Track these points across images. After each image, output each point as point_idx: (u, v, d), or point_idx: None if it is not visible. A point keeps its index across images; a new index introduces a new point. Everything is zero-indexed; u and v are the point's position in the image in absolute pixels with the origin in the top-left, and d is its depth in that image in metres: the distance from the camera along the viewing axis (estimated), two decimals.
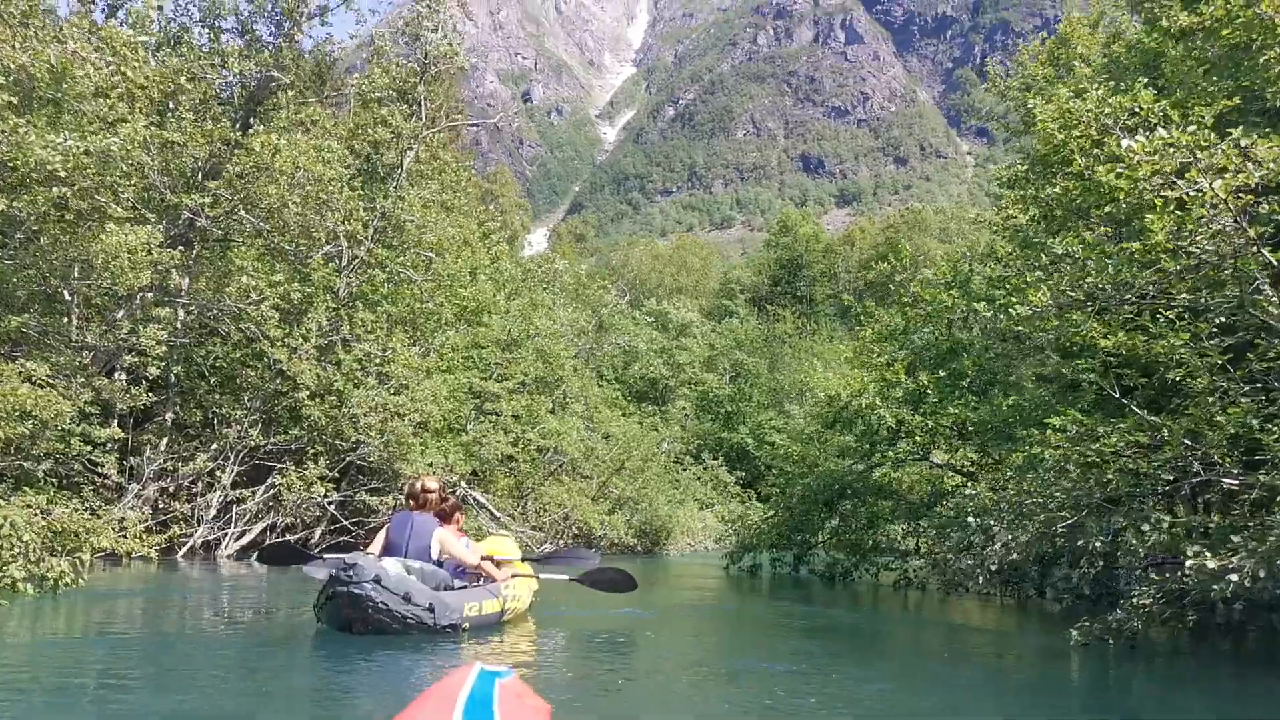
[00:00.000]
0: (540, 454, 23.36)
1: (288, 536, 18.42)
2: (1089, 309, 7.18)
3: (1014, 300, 7.69)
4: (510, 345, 23.64)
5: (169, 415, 18.63)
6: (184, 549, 17.27)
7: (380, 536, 8.18)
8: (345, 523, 19.12)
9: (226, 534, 18.06)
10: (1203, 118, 6.28)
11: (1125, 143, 6.01)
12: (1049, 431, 8.24)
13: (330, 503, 18.75)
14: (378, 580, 6.89)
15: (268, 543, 16.77)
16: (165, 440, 18.36)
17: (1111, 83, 9.26)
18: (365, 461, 19.44)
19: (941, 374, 14.23)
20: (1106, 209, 8.22)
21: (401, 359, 18.84)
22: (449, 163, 21.70)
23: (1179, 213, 6.35)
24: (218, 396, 18.67)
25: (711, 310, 64.42)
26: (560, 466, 24.76)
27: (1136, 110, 7.70)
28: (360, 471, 20.45)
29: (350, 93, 21.17)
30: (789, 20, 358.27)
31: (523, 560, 9.94)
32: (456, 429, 21.91)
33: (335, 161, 16.85)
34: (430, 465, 19.66)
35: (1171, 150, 6.07)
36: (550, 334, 24.50)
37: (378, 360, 18.76)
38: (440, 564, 8.06)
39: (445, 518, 8.51)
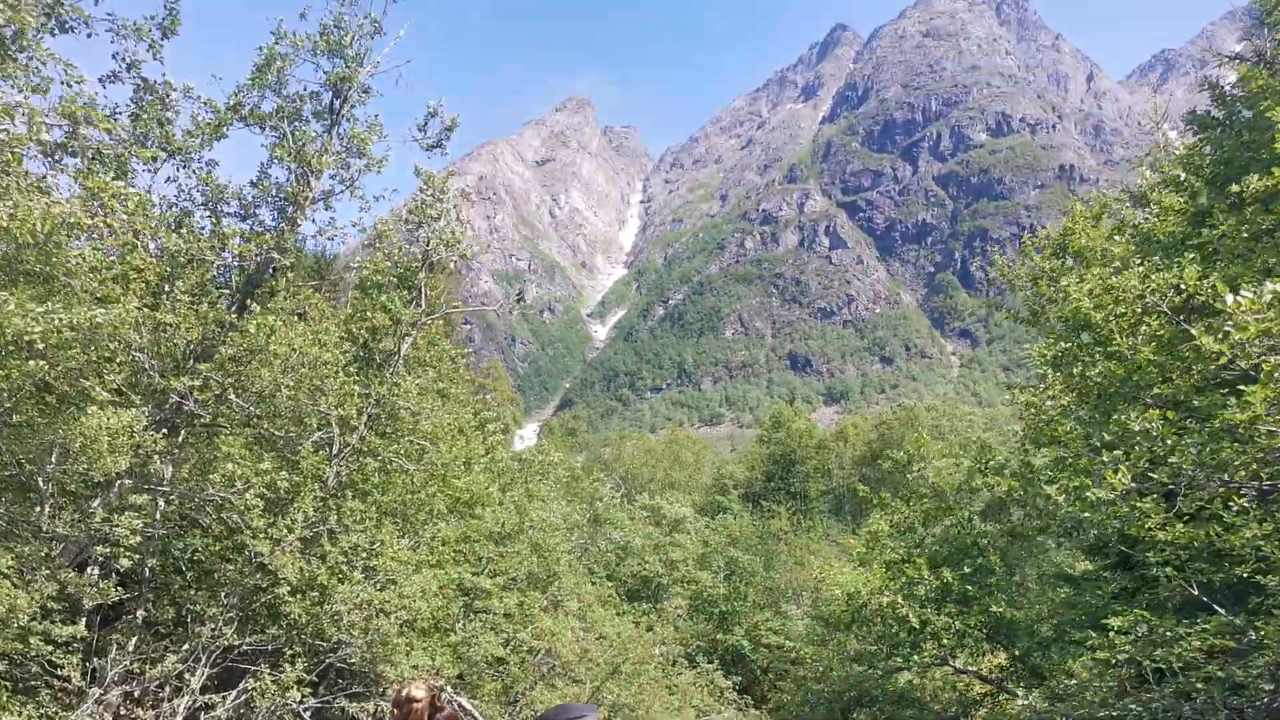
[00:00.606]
0: (532, 655, 22.04)
1: None
2: (1161, 495, 6.52)
3: (1084, 482, 7.05)
4: (504, 539, 22.67)
5: (140, 612, 17.50)
6: None
7: None
8: None
9: None
10: None
11: (1229, 298, 5.52)
12: (1111, 634, 7.42)
13: (306, 709, 17.39)
14: None
15: None
16: (134, 640, 17.18)
17: (1148, 259, 8.92)
18: (346, 663, 18.18)
19: (967, 569, 13.40)
20: (1158, 390, 7.66)
21: (390, 552, 17.89)
22: (448, 349, 21.35)
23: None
24: (193, 592, 17.59)
25: (704, 506, 63.40)
26: (552, 669, 23.37)
27: (1182, 287, 7.29)
28: (340, 675, 19.14)
29: (350, 280, 21.09)
30: (775, 226, 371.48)
31: None
32: (444, 628, 20.69)
33: (332, 345, 16.42)
34: (416, 668, 18.40)
35: None
36: (546, 527, 23.59)
37: (365, 553, 17.80)
38: None
39: None
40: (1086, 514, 7.21)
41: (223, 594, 17.68)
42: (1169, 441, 6.24)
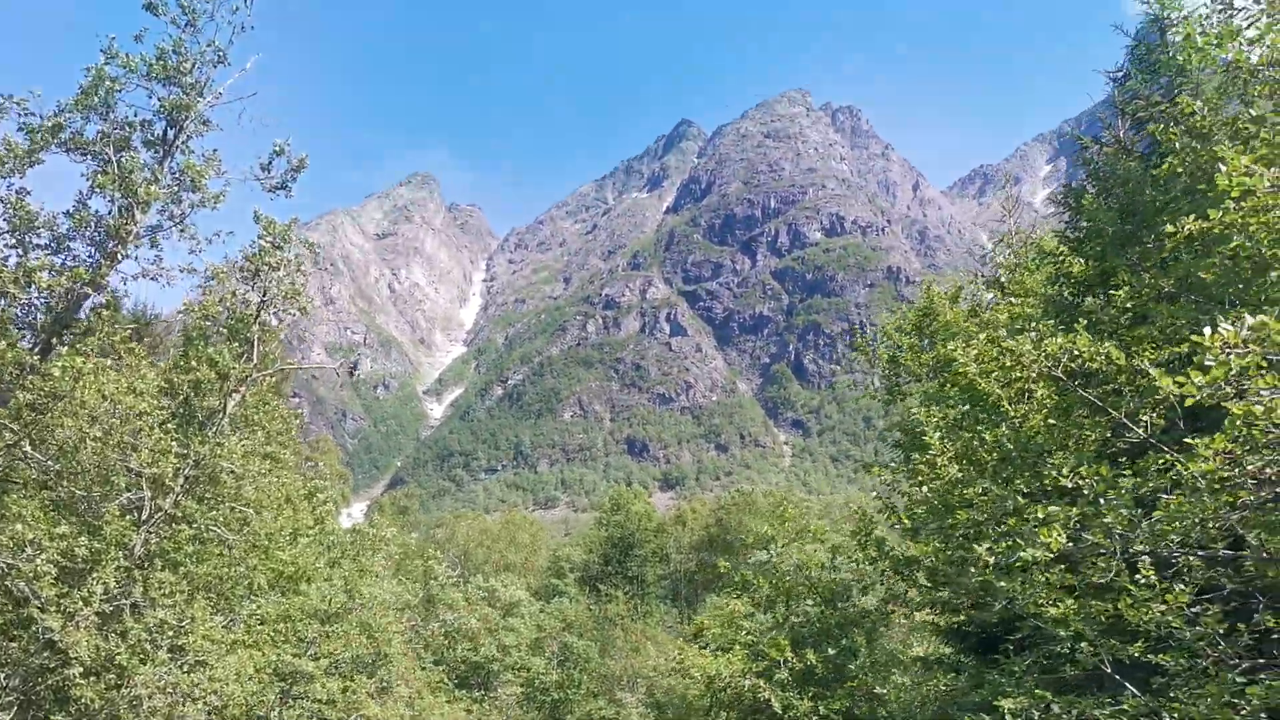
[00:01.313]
0: None
1: None
2: (1101, 556, 6.06)
3: (1015, 543, 6.53)
4: (330, 617, 20.91)
5: None
6: None
7: None
8: None
9: None
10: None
11: (1210, 330, 5.12)
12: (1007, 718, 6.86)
13: None
14: None
15: None
16: None
17: (1043, 323, 8.68)
18: None
19: (831, 650, 12.82)
20: (1053, 460, 7.28)
21: (202, 630, 16.13)
22: (279, 409, 19.80)
23: (1246, 426, 5.40)
24: None
25: (540, 589, 61.72)
26: None
27: (1076, 353, 6.98)
28: None
29: (173, 337, 19.40)
30: (617, 310, 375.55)
31: None
32: (258, 716, 18.78)
33: (149, 395, 14.83)
34: None
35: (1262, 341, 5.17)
36: (377, 605, 21.93)
37: (173, 631, 15.99)
38: None
39: None
40: (1003, 583, 6.73)
41: (2, 675, 15.52)
42: (1102, 500, 5.83)
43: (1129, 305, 8.63)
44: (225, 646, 16.62)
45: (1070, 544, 5.94)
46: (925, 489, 8.74)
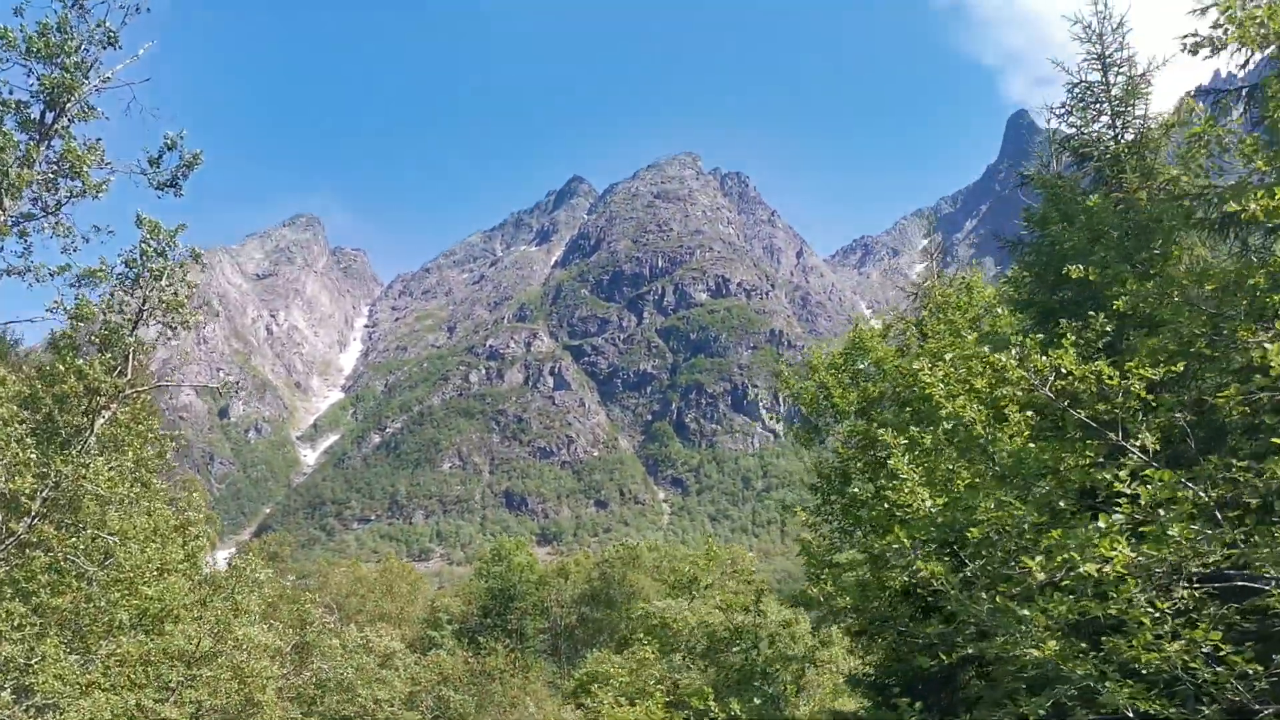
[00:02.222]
0: None
1: None
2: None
3: (1071, 556, 5.84)
4: (198, 660, 19.09)
5: None
6: None
7: None
8: None
9: None
10: None
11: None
12: None
13: None
14: None
15: None
16: None
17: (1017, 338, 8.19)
18: None
19: (757, 700, 12.00)
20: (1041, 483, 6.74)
21: (53, 669, 14.44)
22: (153, 431, 18.20)
23: None
24: None
25: (416, 640, 59.34)
26: None
27: (1064, 370, 6.48)
28: None
29: (38, 349, 17.66)
30: (501, 362, 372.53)
31: None
32: None
33: (6, 400, 13.28)
34: None
35: None
36: (252, 647, 20.15)
37: (19, 669, 14.26)
38: None
39: None
40: (1026, 610, 6.06)
41: None
42: (1161, 509, 5.20)
43: (1127, 313, 8.28)
44: (79, 689, 14.90)
45: (1134, 555, 5.34)
46: (929, 503, 8.09)
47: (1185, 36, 8.35)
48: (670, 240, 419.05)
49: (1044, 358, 6.92)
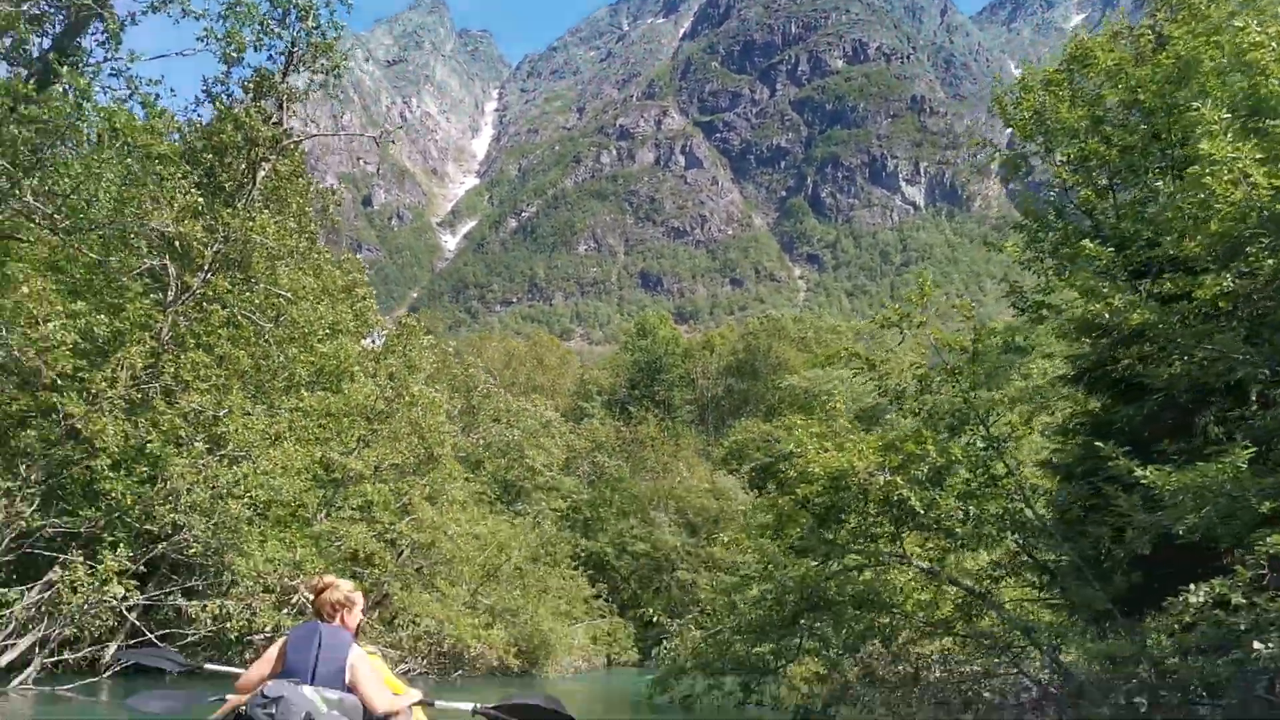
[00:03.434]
0: (412, 551, 18.89)
1: (66, 654, 13.49)
2: None
3: None
4: (377, 416, 19.17)
5: None
6: None
7: (273, 654, 5.63)
8: (151, 637, 14.26)
9: None
10: None
11: None
12: None
13: (131, 608, 13.93)
14: None
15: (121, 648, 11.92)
16: None
17: None
18: (183, 554, 14.72)
19: (980, 444, 10.95)
20: None
21: (241, 420, 14.42)
22: (312, 185, 17.61)
23: None
24: None
25: (568, 412, 60.76)
26: (425, 568, 20.29)
27: None
28: (175, 568, 15.65)
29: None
30: (632, 142, 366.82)
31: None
32: (304, 517, 17.32)
33: (169, 148, 12.63)
34: (271, 561, 15.09)
35: None
36: (428, 404, 20.16)
37: (210, 419, 14.28)
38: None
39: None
40: None
41: (21, 466, 13.90)
42: None
43: None
44: (268, 439, 14.96)
45: None
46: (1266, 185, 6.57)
47: None
48: (803, 4, 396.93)
49: None
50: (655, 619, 41.32)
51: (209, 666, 7.34)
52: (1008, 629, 12.15)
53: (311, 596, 5.83)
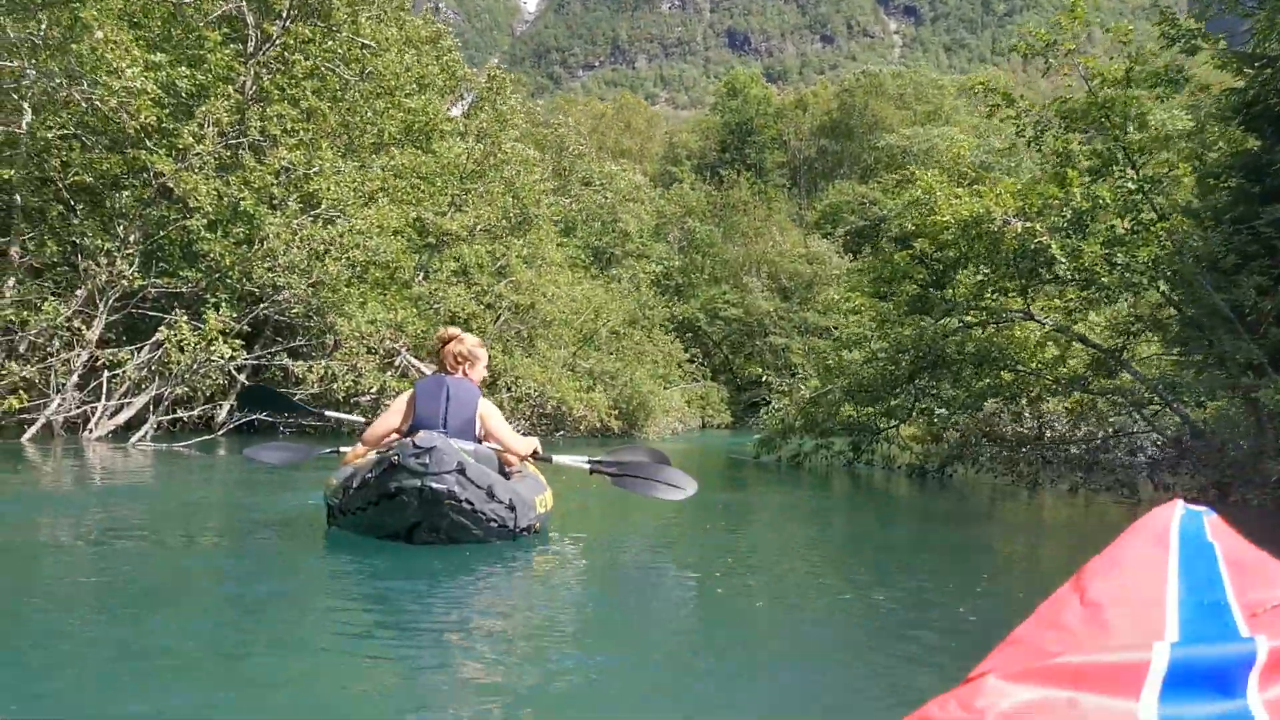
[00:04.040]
0: (513, 312, 18.62)
1: (180, 413, 13.68)
2: None
3: None
4: (471, 175, 18.48)
5: (14, 249, 13.53)
6: (32, 429, 12.38)
7: (400, 406, 5.58)
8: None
9: (95, 409, 13.15)
10: None
11: None
12: None
13: (240, 368, 13.96)
14: (462, 471, 4.82)
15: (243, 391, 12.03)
16: (10, 282, 13.34)
17: None
18: (285, 315, 14.60)
19: (1130, 186, 9.83)
20: None
21: (333, 177, 13.88)
22: None
23: None
24: (78, 222, 13.53)
25: (656, 177, 59.38)
26: (524, 331, 20.09)
27: None
28: (279, 331, 15.62)
29: None
30: None
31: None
32: (401, 280, 17.04)
33: None
34: (372, 323, 14.92)
35: None
36: (521, 160, 19.37)
37: (301, 176, 13.77)
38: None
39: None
40: None
41: (119, 227, 13.68)
42: None
43: None
44: (361, 198, 14.45)
45: None
46: None
47: None
48: None
49: None
50: (759, 378, 41.49)
51: (330, 414, 7.47)
52: (1143, 386, 11.44)
53: (438, 348, 5.66)
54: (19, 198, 13.30)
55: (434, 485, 4.75)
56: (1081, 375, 11.55)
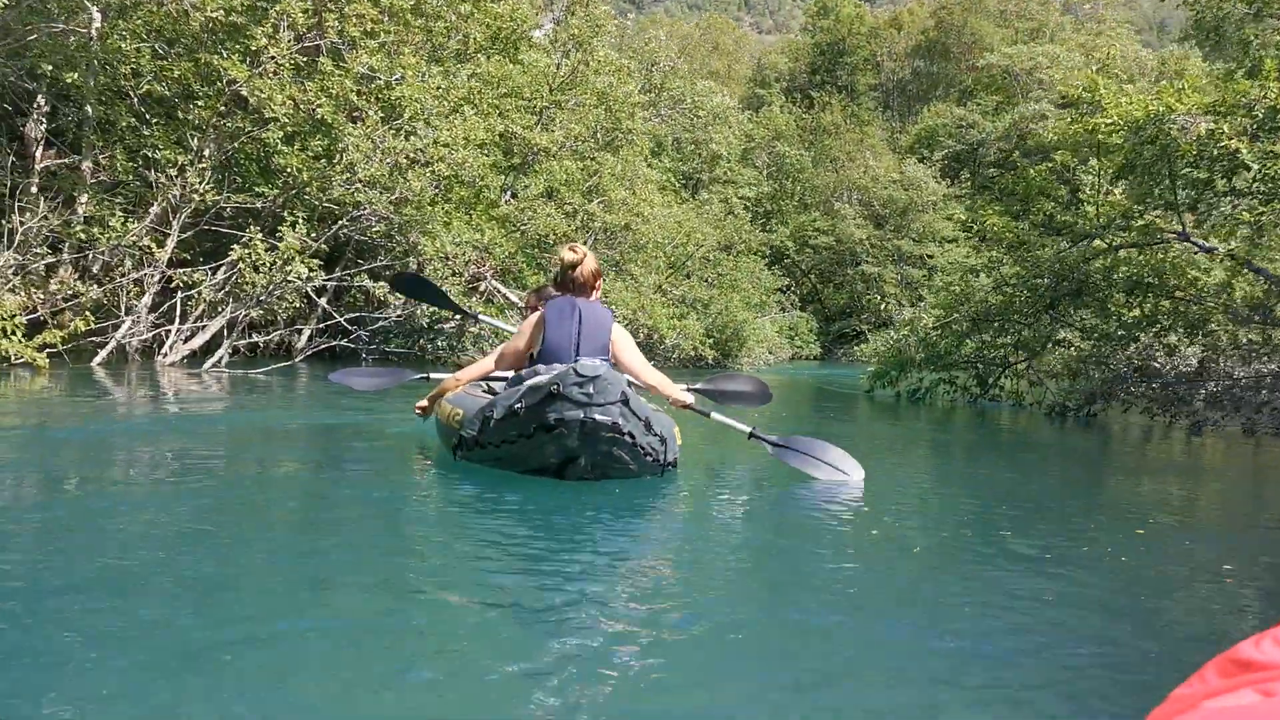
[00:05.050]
0: (606, 234, 17.50)
1: (255, 338, 12.98)
2: None
3: None
4: (561, 86, 17.28)
5: (86, 164, 12.82)
6: (104, 352, 11.74)
7: (527, 330, 4.99)
8: (341, 320, 13.57)
9: (170, 331, 12.48)
10: None
11: None
12: None
13: (320, 291, 13.17)
14: (625, 402, 4.38)
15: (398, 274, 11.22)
16: (83, 199, 12.65)
17: None
18: (365, 234, 13.72)
19: None
20: None
21: (416, 86, 12.86)
22: None
23: None
24: (150, 135, 12.74)
25: (745, 99, 57.34)
26: (614, 254, 18.95)
27: None
28: (360, 252, 14.78)
29: None
30: None
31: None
32: (488, 199, 16.04)
33: None
34: (458, 244, 13.98)
35: None
36: (616, 70, 18.08)
37: (383, 83, 12.78)
38: None
39: None
40: None
41: (192, 139, 12.87)
42: None
43: None
44: (446, 108, 13.41)
45: None
46: None
47: None
48: None
49: None
50: (847, 309, 39.80)
51: (484, 319, 7.36)
52: None
53: (560, 269, 5.10)
54: (89, 109, 12.56)
55: (598, 417, 4.36)
56: (1262, 302, 10.09)
